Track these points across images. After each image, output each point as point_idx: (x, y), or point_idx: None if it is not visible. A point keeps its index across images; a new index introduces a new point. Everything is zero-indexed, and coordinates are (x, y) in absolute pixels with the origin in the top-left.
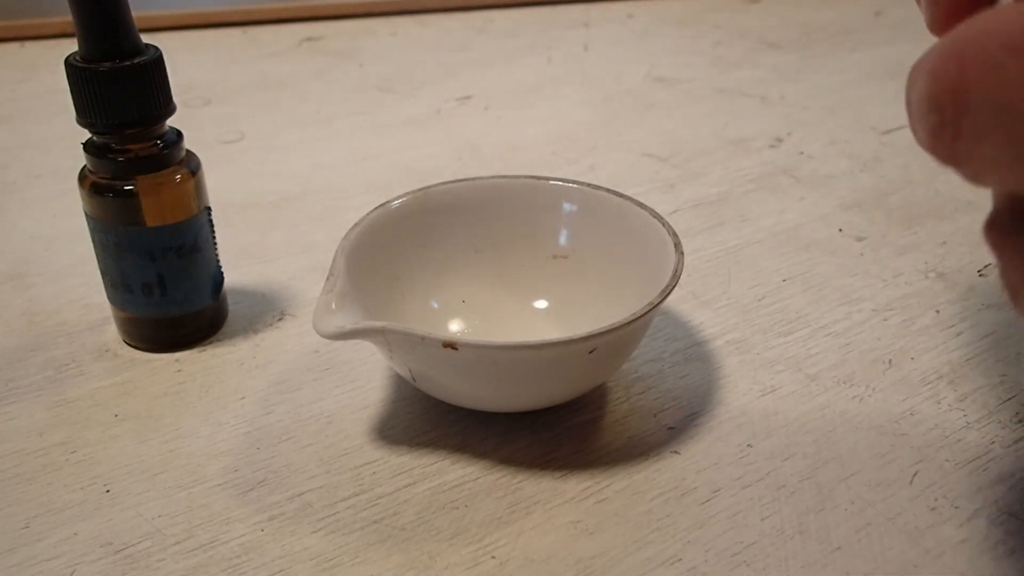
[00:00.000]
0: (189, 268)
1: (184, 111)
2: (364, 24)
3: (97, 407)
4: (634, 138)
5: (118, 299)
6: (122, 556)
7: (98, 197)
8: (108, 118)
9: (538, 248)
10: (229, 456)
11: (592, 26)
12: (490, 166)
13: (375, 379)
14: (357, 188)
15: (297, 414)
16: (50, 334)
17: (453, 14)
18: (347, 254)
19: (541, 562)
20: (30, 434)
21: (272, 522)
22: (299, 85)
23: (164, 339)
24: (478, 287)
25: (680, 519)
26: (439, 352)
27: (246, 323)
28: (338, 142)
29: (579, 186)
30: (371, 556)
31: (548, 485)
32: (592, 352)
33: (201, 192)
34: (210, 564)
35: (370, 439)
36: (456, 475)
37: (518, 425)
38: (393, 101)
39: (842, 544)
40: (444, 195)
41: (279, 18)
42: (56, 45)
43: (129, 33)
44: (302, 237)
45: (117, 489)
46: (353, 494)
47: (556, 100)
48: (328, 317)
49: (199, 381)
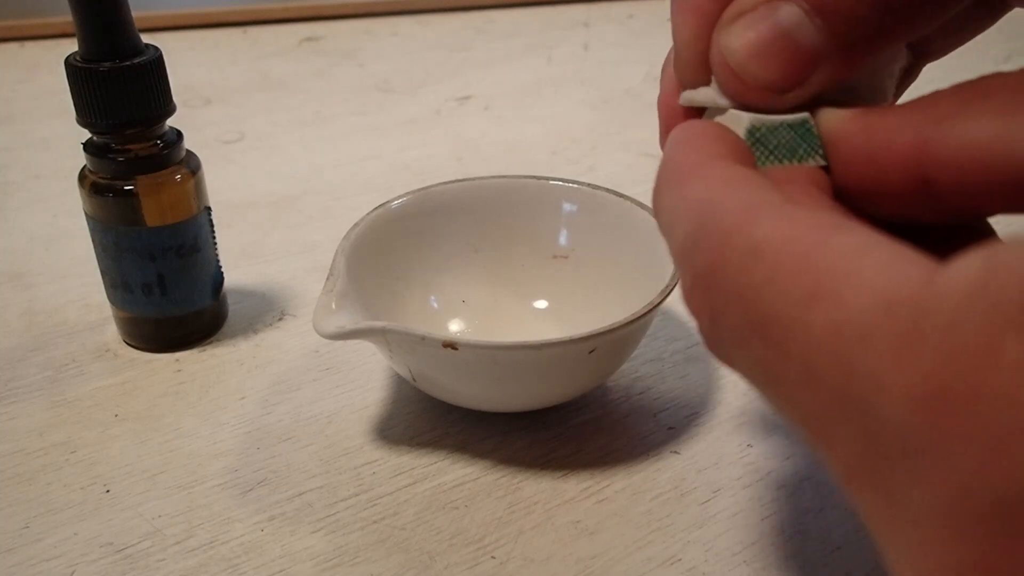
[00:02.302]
0: (189, 268)
1: (184, 111)
2: (364, 24)
3: (97, 407)
4: (634, 138)
5: (118, 299)
6: (122, 556)
7: (98, 197)
8: (108, 118)
9: (538, 248)
10: (229, 456)
11: (592, 26)
12: (490, 166)
13: (375, 379)
14: (357, 188)
15: (297, 414)
16: (50, 334)
17: (453, 14)
18: (347, 254)
19: (541, 562)
20: (30, 434)
21: (272, 522)
22: (299, 85)
23: (164, 339)
24: (478, 287)
25: (680, 519)
26: (439, 352)
27: (246, 323)
28: (338, 142)
29: (579, 186)
30: (371, 556)
31: (548, 485)
32: (592, 352)
33: (201, 192)
34: (210, 564)
35: (370, 439)
36: (456, 475)
37: (518, 425)
38: (393, 101)
39: (842, 544)
40: (444, 195)
41: (279, 18)
42: (56, 45)
43: (129, 33)
44: (302, 237)
45: (117, 489)
46: (353, 494)
47: (556, 100)
48: (328, 317)
49: (199, 381)
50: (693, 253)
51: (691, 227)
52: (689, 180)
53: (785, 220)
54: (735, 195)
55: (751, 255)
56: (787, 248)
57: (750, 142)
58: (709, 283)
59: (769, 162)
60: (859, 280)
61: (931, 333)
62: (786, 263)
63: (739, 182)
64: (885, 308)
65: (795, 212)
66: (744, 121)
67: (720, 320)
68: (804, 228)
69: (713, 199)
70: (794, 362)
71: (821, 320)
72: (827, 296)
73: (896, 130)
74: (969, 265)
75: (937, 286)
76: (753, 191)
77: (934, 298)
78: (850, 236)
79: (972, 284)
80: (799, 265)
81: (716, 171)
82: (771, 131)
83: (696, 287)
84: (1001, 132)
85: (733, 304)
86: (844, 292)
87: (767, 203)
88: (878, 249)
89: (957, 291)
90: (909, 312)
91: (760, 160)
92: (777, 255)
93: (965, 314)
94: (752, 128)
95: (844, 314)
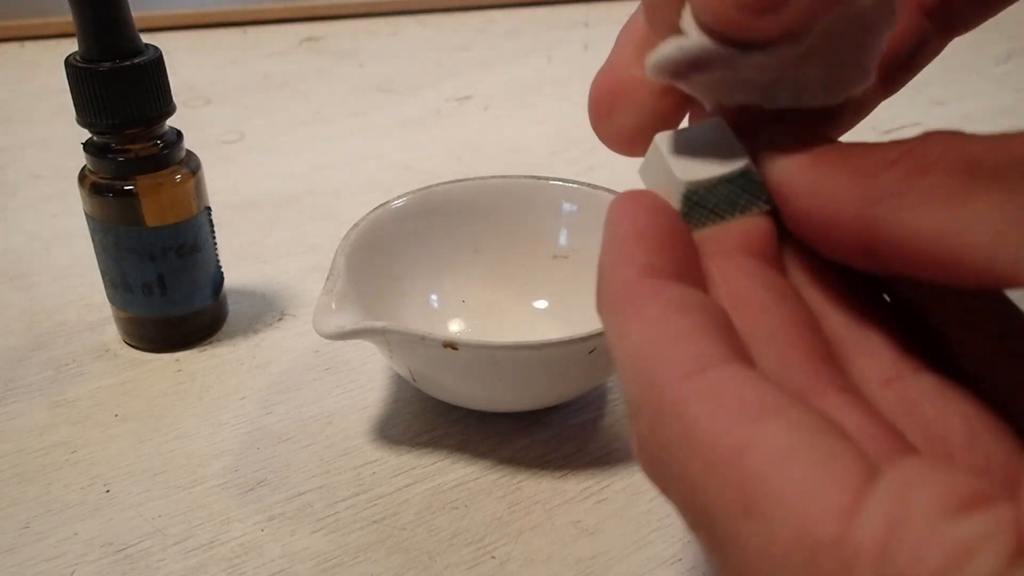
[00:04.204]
0: (189, 268)
1: (184, 111)
2: (364, 24)
3: (97, 407)
4: None
5: (118, 299)
6: (122, 556)
7: (98, 197)
8: (108, 118)
9: (538, 248)
10: (229, 456)
11: (592, 26)
12: (490, 166)
13: (375, 379)
14: (357, 188)
15: (297, 414)
16: (50, 334)
17: (453, 14)
18: (347, 254)
19: (541, 562)
20: (30, 434)
21: (272, 522)
22: (299, 85)
23: (164, 339)
24: (478, 287)
25: (680, 519)
26: (439, 352)
27: (246, 323)
28: (338, 142)
29: (579, 186)
30: (371, 556)
31: (548, 485)
32: (592, 352)
33: (201, 192)
34: (210, 564)
35: (370, 439)
36: (456, 475)
37: (518, 425)
38: (393, 101)
39: None
40: (444, 195)
41: (279, 18)
42: (56, 45)
43: (129, 33)
44: (302, 237)
45: (117, 489)
46: (353, 494)
47: (556, 100)
48: (328, 317)
49: (199, 381)
50: (637, 419)
51: (632, 388)
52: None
53: (714, 404)
54: (668, 356)
55: (685, 441)
56: (717, 446)
57: (687, 207)
58: (652, 455)
59: (709, 221)
60: (781, 506)
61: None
62: (716, 463)
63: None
64: (806, 551)
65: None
66: (679, 184)
67: (668, 491)
68: (732, 418)
69: (647, 358)
70: (734, 567)
71: (753, 542)
72: (755, 516)
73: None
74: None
75: (852, 538)
76: (687, 347)
77: (850, 551)
78: (775, 434)
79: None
80: (728, 471)
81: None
82: (709, 190)
83: (643, 455)
84: (945, 226)
85: (676, 485)
86: (769, 517)
87: (699, 368)
88: (801, 459)
89: (868, 552)
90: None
91: (697, 224)
92: (708, 451)
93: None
94: (688, 192)
95: (772, 545)
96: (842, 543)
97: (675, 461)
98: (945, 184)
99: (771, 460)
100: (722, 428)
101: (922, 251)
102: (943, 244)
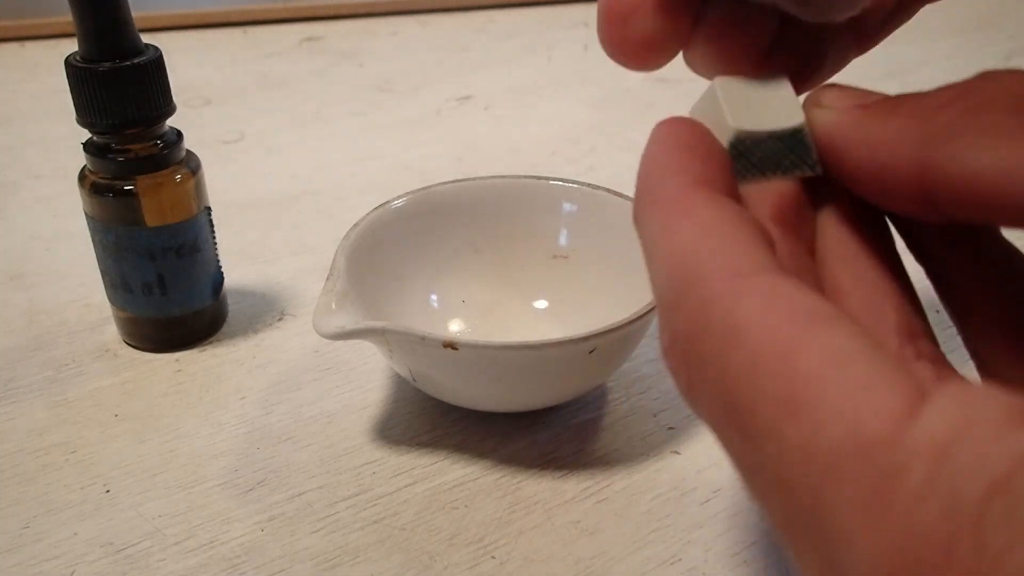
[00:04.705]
0: (189, 268)
1: (184, 111)
2: (364, 24)
3: (97, 407)
4: (634, 138)
5: (118, 299)
6: (122, 556)
7: (98, 197)
8: (108, 118)
9: (538, 248)
10: (229, 456)
11: (592, 26)
12: (490, 166)
13: (375, 379)
14: (357, 188)
15: (297, 414)
16: (50, 334)
17: (453, 14)
18: (347, 254)
19: (541, 562)
20: (30, 434)
21: (272, 522)
22: (299, 85)
23: (164, 339)
24: (478, 287)
25: (680, 519)
26: (439, 352)
27: (246, 323)
28: (338, 142)
29: (579, 186)
30: (371, 556)
31: (548, 485)
32: (592, 352)
33: (201, 192)
34: (210, 564)
35: (370, 439)
36: (456, 475)
37: (518, 425)
38: (393, 101)
39: None
40: (444, 195)
41: (279, 18)
42: (56, 45)
43: (129, 33)
44: (302, 237)
45: (117, 489)
46: (353, 494)
47: (556, 100)
48: (328, 317)
49: (199, 381)
50: (673, 313)
51: (673, 283)
52: (672, 215)
53: (767, 304)
54: (719, 255)
55: (731, 337)
56: (766, 342)
57: (733, 155)
58: (687, 349)
59: (750, 175)
60: (834, 403)
61: (900, 500)
62: (764, 359)
63: (725, 234)
64: (856, 448)
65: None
66: (729, 130)
67: (698, 389)
68: (785, 319)
69: (697, 253)
70: (768, 467)
71: (796, 438)
72: (802, 412)
73: (897, 144)
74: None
75: (909, 438)
76: (739, 251)
77: (904, 452)
78: (830, 338)
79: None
80: (776, 366)
81: (701, 210)
82: (757, 143)
83: (674, 350)
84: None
85: (711, 383)
86: (818, 413)
87: (751, 272)
88: (857, 362)
89: (926, 452)
90: (880, 463)
91: (741, 174)
92: (756, 346)
93: (930, 489)
94: (736, 141)
95: (817, 440)
96: (896, 443)
97: (714, 356)
98: (1004, 121)
99: (825, 362)
100: (773, 326)
101: (982, 191)
102: (1004, 182)
